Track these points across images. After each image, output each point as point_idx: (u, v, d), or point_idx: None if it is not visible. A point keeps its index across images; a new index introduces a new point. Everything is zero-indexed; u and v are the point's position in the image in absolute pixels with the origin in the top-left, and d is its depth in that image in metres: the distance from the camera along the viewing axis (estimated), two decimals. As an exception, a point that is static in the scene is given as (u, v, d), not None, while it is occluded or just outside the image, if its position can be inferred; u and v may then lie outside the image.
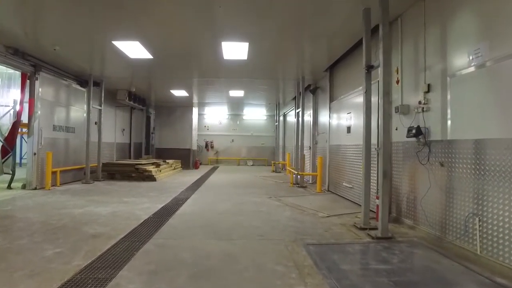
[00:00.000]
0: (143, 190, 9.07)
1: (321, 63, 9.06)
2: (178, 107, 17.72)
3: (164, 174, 12.48)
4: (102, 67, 9.66)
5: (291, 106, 16.09)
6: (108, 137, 13.22)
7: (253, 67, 9.38)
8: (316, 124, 11.41)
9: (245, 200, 7.69)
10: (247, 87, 12.45)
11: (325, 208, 6.76)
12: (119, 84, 12.04)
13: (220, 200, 7.65)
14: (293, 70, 9.92)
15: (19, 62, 7.97)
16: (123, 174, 11.35)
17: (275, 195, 8.50)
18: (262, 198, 7.94)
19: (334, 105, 9.15)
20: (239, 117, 21.95)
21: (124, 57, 8.25)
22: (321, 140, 10.76)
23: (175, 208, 6.56)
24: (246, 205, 6.99)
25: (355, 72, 7.63)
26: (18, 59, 7.92)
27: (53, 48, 7.48)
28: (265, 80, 11.30)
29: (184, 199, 7.63)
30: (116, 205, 6.80)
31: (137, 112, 16.26)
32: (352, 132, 7.65)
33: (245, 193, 8.72)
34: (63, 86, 9.88)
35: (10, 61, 7.74)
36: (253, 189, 9.66)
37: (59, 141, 9.61)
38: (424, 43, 4.84)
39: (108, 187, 9.53)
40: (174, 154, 17.31)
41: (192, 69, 9.66)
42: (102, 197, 7.69)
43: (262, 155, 21.84)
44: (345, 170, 7.99)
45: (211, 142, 21.82)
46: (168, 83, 12.01)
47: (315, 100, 11.52)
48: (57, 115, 9.53)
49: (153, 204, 6.93)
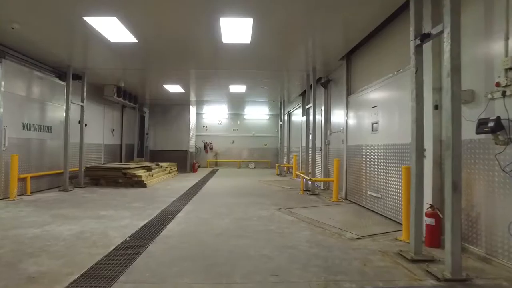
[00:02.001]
0: (128, 199, 7.67)
1: (336, 50, 7.67)
2: (173, 106, 16.34)
3: (156, 179, 11.08)
4: (81, 55, 8.26)
5: (296, 103, 14.74)
6: (95, 138, 11.85)
7: (257, 55, 7.99)
8: (328, 122, 10.03)
9: (249, 213, 6.28)
10: (249, 81, 11.06)
11: (350, 225, 5.36)
12: (106, 78, 10.66)
13: (218, 213, 6.24)
14: (302, 59, 8.53)
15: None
16: (108, 180, 9.95)
17: (284, 205, 7.10)
18: (270, 210, 6.54)
19: (353, 99, 7.75)
20: (240, 117, 20.56)
21: (103, 40, 6.87)
22: (335, 141, 9.37)
23: (161, 226, 5.16)
24: (250, 221, 5.58)
25: (384, 55, 6.25)
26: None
27: (11, 27, 6.07)
28: (270, 72, 9.91)
29: (174, 212, 6.24)
30: (87, 221, 5.39)
31: (129, 111, 14.87)
32: (379, 130, 6.26)
33: (249, 204, 7.32)
34: (36, 79, 8.49)
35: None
36: (258, 197, 8.26)
37: (30, 142, 8.21)
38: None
39: (88, 195, 8.13)
40: (170, 157, 15.93)
41: (186, 57, 8.25)
42: (73, 210, 6.29)
43: (265, 157, 20.45)
44: (370, 176, 6.59)
45: (210, 143, 20.43)
46: (160, 76, 10.61)
47: (327, 95, 10.13)
48: (28, 112, 8.13)
49: (134, 220, 5.53)
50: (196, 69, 9.45)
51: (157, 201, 7.52)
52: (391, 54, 5.99)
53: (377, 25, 6.11)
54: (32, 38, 6.91)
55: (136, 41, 6.89)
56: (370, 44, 6.92)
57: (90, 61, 8.73)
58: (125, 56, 8.15)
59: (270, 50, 7.65)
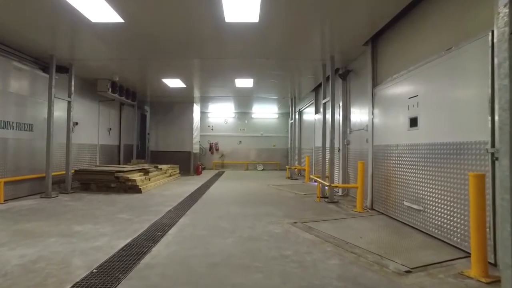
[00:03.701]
0: (115, 209, 6.54)
1: (359, 33, 6.45)
2: (176, 104, 15.24)
3: (154, 184, 9.96)
4: (63, 43, 7.14)
5: (308, 100, 13.51)
6: (89, 137, 10.79)
7: (266, 39, 6.79)
8: (347, 119, 8.78)
9: (257, 229, 5.08)
10: (257, 73, 9.85)
11: (389, 248, 4.12)
12: (99, 71, 9.56)
13: (219, 229, 5.06)
14: (318, 45, 7.28)
15: None
16: (100, 184, 8.85)
17: (300, 217, 5.88)
18: (284, 225, 5.33)
19: (381, 91, 6.50)
20: (247, 116, 19.37)
21: (83, 21, 5.76)
22: (356, 140, 8.13)
23: (145, 249, 4.00)
24: (260, 242, 4.38)
25: (427, 32, 4.99)
26: None
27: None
28: (280, 62, 8.67)
29: (166, 227, 5.07)
30: (53, 241, 4.26)
31: (128, 108, 13.80)
32: (421, 126, 5.00)
33: (257, 215, 6.12)
34: (13, 70, 7.42)
35: None
36: (268, 206, 7.05)
37: (5, 142, 7.13)
38: None
39: (71, 203, 7.02)
40: (173, 158, 14.87)
41: (182, 42, 7.05)
42: (44, 224, 5.17)
43: (274, 158, 19.23)
44: (406, 182, 5.34)
45: (216, 144, 19.27)
46: (157, 69, 9.44)
47: (346, 88, 8.88)
48: (2, 108, 7.05)
49: (113, 239, 4.38)
50: (195, 58, 8.25)
51: (149, 211, 6.37)
52: (438, 28, 4.73)
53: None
54: (2, 20, 5.83)
55: (122, 21, 5.75)
56: (405, 21, 5.67)
57: (76, 50, 7.62)
58: (113, 42, 7.03)
59: (281, 32, 6.44)
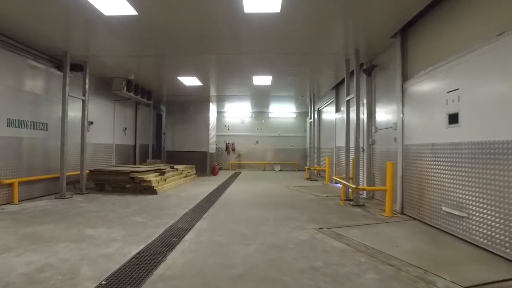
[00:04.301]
0: (129, 211, 6.26)
1: (386, 24, 5.97)
2: (192, 103, 14.98)
3: (169, 185, 9.68)
4: (77, 39, 6.92)
5: (328, 98, 12.99)
6: (105, 137, 10.62)
7: (286, 32, 6.37)
8: (372, 117, 8.27)
9: (281, 235, 4.68)
10: (275, 70, 9.44)
11: (431, 260, 3.64)
12: (114, 69, 9.35)
13: (239, 235, 4.68)
14: (341, 39, 6.83)
15: None
16: (114, 185, 8.62)
17: (325, 222, 5.44)
18: (309, 231, 4.90)
19: (412, 86, 5.98)
20: (264, 115, 18.97)
21: (96, 14, 5.50)
22: (382, 139, 7.63)
23: (159, 258, 3.66)
24: (284, 251, 3.97)
25: (470, 17, 4.47)
26: None
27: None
28: (300, 57, 8.21)
29: (182, 232, 4.73)
30: (62, 247, 3.97)
31: (144, 108, 13.62)
32: (463, 123, 4.48)
33: (279, 219, 5.71)
34: (28, 68, 7.25)
35: None
36: (289, 210, 6.63)
37: (19, 141, 6.97)
38: None
39: (85, 205, 6.79)
40: (188, 158, 14.61)
41: (199, 36, 6.70)
42: (55, 227, 4.91)
43: (292, 159, 18.75)
44: (445, 185, 4.82)
45: (232, 144, 18.94)
46: (172, 66, 9.11)
47: (371, 85, 8.36)
48: (16, 106, 6.89)
49: (125, 245, 4.06)
50: (212, 54, 7.90)
51: (164, 213, 6.06)
52: (486, 11, 4.21)
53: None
54: (15, 16, 5.64)
55: (135, 13, 5.45)
56: (441, 8, 5.15)
57: (90, 46, 7.40)
58: (127, 37, 6.76)
59: (303, 24, 6.00)
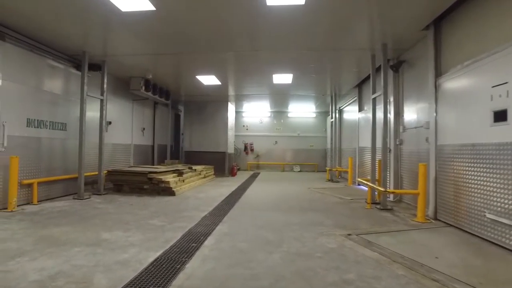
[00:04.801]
0: (147, 213, 6.07)
1: (417, 15, 5.55)
2: (210, 102, 14.80)
3: (188, 186, 9.49)
4: (95, 38, 6.81)
5: (350, 97, 12.54)
6: (123, 137, 10.55)
7: (310, 26, 6.03)
8: (400, 116, 7.81)
9: (306, 242, 4.34)
10: (296, 67, 9.09)
11: (480, 274, 3.23)
12: (132, 69, 9.25)
13: (262, 241, 4.37)
14: (367, 33, 6.46)
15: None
16: (132, 186, 8.50)
17: (354, 228, 5.08)
18: (337, 237, 4.55)
19: (447, 81, 5.52)
20: (283, 115, 18.62)
21: (113, 11, 5.34)
22: (411, 139, 7.19)
23: (178, 266, 3.40)
24: (312, 261, 3.64)
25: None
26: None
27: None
28: (323, 54, 7.86)
29: (201, 237, 4.47)
30: (77, 252, 3.78)
31: (162, 108, 13.54)
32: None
33: (303, 223, 5.38)
34: (47, 67, 7.20)
35: None
36: (313, 213, 6.28)
37: (39, 141, 6.91)
38: None
39: (102, 206, 6.65)
40: (207, 158, 14.43)
41: (219, 32, 6.46)
42: (71, 230, 4.75)
43: (311, 160, 18.33)
44: (490, 190, 4.37)
45: (251, 144, 18.68)
46: (191, 64, 8.90)
47: (398, 81, 7.91)
48: (36, 106, 6.84)
49: (142, 251, 3.83)
50: (232, 51, 7.62)
51: (183, 216, 5.83)
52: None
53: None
54: (35, 16, 5.55)
55: (153, 8, 5.25)
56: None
57: (108, 45, 7.29)
58: (144, 34, 6.58)
59: (328, 16, 5.65)
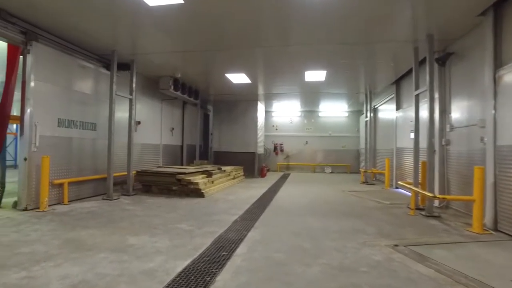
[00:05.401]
0: (175, 216, 5.83)
1: (471, 0, 4.94)
2: (240, 102, 14.53)
3: (217, 187, 9.23)
4: (124, 35, 6.70)
5: (387, 95, 11.84)
6: (152, 137, 10.48)
7: (350, 16, 5.56)
8: (446, 113, 7.12)
9: (348, 253, 3.88)
10: (330, 62, 8.58)
11: None
12: (161, 68, 9.14)
13: (299, 251, 3.96)
14: (409, 21, 5.88)
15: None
16: (161, 187, 8.34)
17: (399, 237, 4.55)
18: (382, 249, 4.05)
19: (510, 73, 4.86)
20: (314, 114, 18.05)
21: (141, 6, 5.14)
22: (460, 139, 6.52)
23: (207, 278, 3.07)
24: (358, 277, 3.17)
25: None
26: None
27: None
28: (361, 47, 7.31)
29: (232, 245, 4.13)
30: (102, 258, 3.55)
31: (191, 108, 13.42)
32: None
33: (342, 231, 4.91)
34: (78, 68, 7.17)
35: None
36: (352, 219, 5.78)
37: (69, 141, 6.88)
38: None
39: (130, 208, 6.50)
40: (236, 159, 14.16)
41: (249, 25, 6.13)
42: (98, 233, 4.57)
43: (343, 161, 17.64)
44: None
45: (281, 144, 18.25)
46: (220, 61, 8.63)
47: (444, 75, 7.23)
48: (67, 106, 6.81)
49: (169, 259, 3.54)
50: (263, 46, 7.26)
51: (212, 220, 5.53)
52: None
53: None
54: (64, 15, 5.49)
55: (180, 1, 4.99)
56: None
57: (136, 43, 7.16)
58: (173, 30, 6.35)
59: (367, 6, 5.17)
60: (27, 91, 5.94)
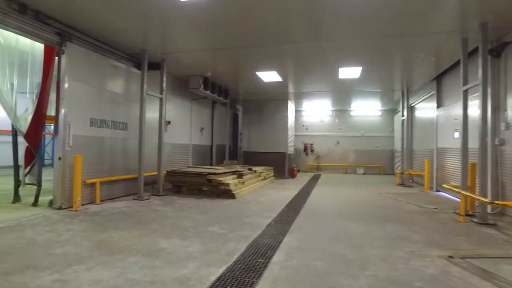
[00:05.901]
0: (207, 218, 5.64)
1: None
2: (269, 101, 14.26)
3: (247, 188, 9.01)
4: (155, 34, 6.62)
5: (425, 92, 11.14)
6: (182, 137, 10.43)
7: (389, 6, 5.14)
8: (501, 110, 6.48)
9: (398, 265, 3.49)
10: (366, 58, 8.11)
11: None
12: (191, 67, 9.04)
13: (340, 260, 3.62)
14: (458, 10, 5.36)
15: (30, 25, 5.36)
16: (191, 187, 8.22)
17: (452, 247, 4.10)
18: (434, 260, 3.63)
19: None
20: (345, 113, 17.46)
21: (172, 1, 4.99)
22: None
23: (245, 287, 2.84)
24: (414, 293, 2.83)
25: None
26: (28, 20, 5.32)
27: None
28: (399, 40, 6.81)
29: (268, 251, 3.86)
30: (133, 262, 3.39)
31: (220, 107, 13.31)
32: None
33: (386, 239, 4.50)
34: (109, 67, 7.19)
35: (14, 22, 5.14)
36: (394, 224, 5.35)
37: (101, 141, 6.89)
38: None
39: (161, 208, 6.39)
40: (266, 159, 13.90)
41: (281, 20, 5.84)
42: (129, 234, 4.45)
43: (376, 161, 16.92)
44: None
45: (311, 144, 17.79)
46: (250, 58, 8.38)
47: (498, 68, 6.58)
48: (99, 106, 6.82)
49: (202, 266, 3.33)
50: (295, 42, 6.92)
51: (245, 223, 5.29)
52: None
53: None
54: (96, 15, 5.46)
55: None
56: None
57: (167, 41, 7.07)
58: (202, 26, 6.16)
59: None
60: (62, 91, 5.97)
